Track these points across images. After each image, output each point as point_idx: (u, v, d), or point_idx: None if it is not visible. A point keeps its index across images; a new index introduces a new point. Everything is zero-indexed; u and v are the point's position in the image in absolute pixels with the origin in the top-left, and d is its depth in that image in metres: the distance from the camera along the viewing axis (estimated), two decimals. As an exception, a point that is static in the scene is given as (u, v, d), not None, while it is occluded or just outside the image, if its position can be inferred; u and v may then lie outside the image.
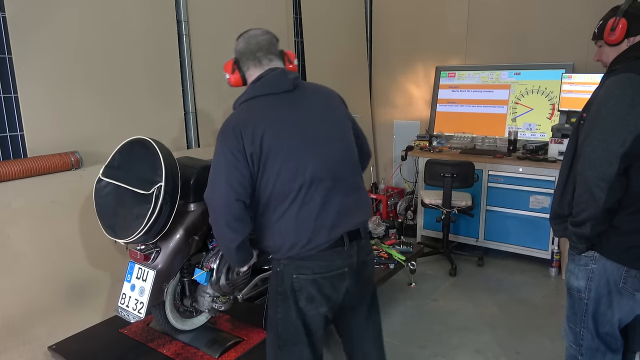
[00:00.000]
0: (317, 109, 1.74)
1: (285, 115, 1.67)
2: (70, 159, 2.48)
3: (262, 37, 1.79)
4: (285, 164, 1.62)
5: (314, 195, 1.63)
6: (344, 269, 1.70)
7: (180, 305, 2.34)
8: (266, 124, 1.62)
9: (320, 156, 1.66)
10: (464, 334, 2.93)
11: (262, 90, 1.70)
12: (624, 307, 1.71)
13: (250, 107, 1.70)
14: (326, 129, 1.72)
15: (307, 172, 1.63)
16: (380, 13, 4.99)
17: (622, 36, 1.69)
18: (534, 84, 4.19)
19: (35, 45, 2.41)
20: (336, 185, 1.68)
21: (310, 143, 1.66)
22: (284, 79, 1.70)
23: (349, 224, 1.69)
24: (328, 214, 1.65)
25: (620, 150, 1.55)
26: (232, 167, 1.61)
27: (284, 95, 1.69)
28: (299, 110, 1.70)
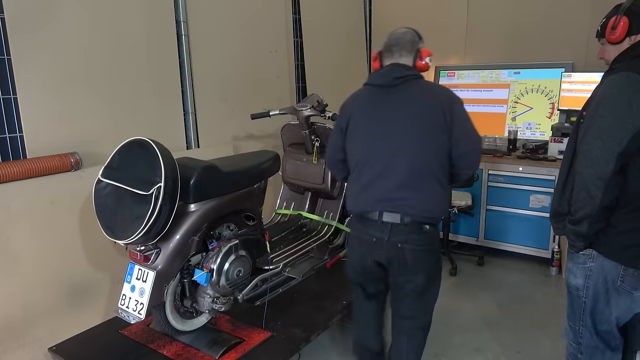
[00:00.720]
0: (401, 110, 1.97)
1: (369, 106, 2.04)
2: (69, 160, 2.48)
3: (400, 34, 2.09)
4: (353, 144, 2.06)
5: (362, 175, 2.01)
6: (373, 239, 2.00)
7: (180, 306, 2.34)
8: (354, 109, 2.08)
9: (379, 146, 1.98)
10: (464, 333, 2.93)
11: (369, 81, 2.10)
12: (622, 305, 1.71)
13: (357, 92, 2.14)
14: (397, 130, 1.97)
15: (364, 155, 2.01)
16: (380, 13, 4.99)
17: (624, 34, 1.69)
18: (534, 83, 4.19)
19: (34, 47, 2.41)
20: (384, 175, 1.96)
21: (378, 135, 1.98)
22: (387, 76, 2.01)
23: (386, 208, 1.96)
24: (368, 194, 1.99)
25: (617, 149, 1.55)
26: (333, 135, 2.18)
27: (381, 89, 2.02)
28: (383, 106, 2.00)
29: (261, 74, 3.75)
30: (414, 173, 1.94)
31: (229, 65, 3.49)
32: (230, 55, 3.50)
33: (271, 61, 3.84)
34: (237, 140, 3.57)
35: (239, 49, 3.55)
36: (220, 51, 3.42)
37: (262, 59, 3.76)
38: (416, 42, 2.07)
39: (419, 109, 1.97)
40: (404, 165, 1.94)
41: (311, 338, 2.48)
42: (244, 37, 3.59)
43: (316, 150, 2.98)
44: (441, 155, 1.96)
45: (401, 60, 2.03)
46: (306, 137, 2.99)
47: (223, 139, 3.47)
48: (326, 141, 3.00)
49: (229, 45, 3.48)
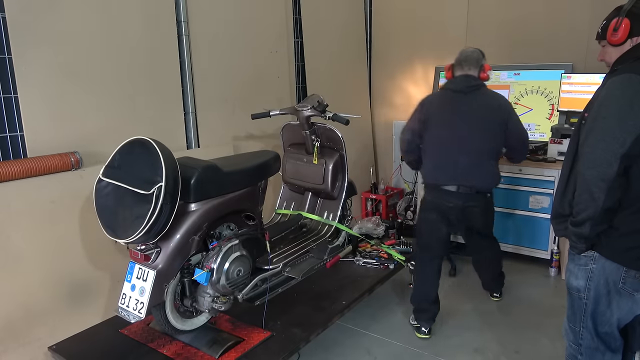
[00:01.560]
0: (472, 111, 2.68)
1: (447, 105, 2.75)
2: (70, 159, 2.48)
3: (469, 52, 2.79)
4: (432, 132, 2.76)
5: (439, 157, 2.74)
6: (450, 204, 2.76)
7: (180, 305, 2.34)
8: (434, 106, 2.80)
9: (453, 135, 2.69)
10: (463, 334, 2.94)
11: (447, 86, 2.80)
12: (623, 307, 1.71)
13: (436, 93, 3.00)
14: (467, 125, 2.68)
15: (441, 141, 2.73)
16: (380, 13, 4.99)
17: (625, 36, 1.69)
18: (534, 84, 4.19)
19: (35, 46, 2.41)
20: (457, 158, 2.69)
21: (453, 128, 2.70)
22: (461, 84, 2.72)
23: (462, 182, 2.73)
24: (444, 171, 2.73)
25: (620, 151, 1.55)
26: (412, 124, 2.86)
27: (456, 93, 2.72)
28: (458, 106, 2.70)
29: (262, 74, 3.76)
30: (477, 157, 2.69)
31: (229, 65, 3.49)
32: (230, 55, 3.50)
33: (271, 61, 3.84)
34: (237, 140, 3.57)
35: (239, 49, 3.55)
36: (221, 51, 3.42)
37: (263, 59, 3.76)
38: (480, 59, 2.76)
39: (484, 110, 2.68)
40: (470, 152, 2.66)
41: (311, 338, 2.49)
42: (245, 37, 3.60)
43: (316, 151, 2.98)
44: (497, 145, 2.75)
45: (469, 72, 2.72)
46: (306, 137, 2.99)
47: (223, 139, 3.47)
48: (326, 141, 3.02)
49: (229, 45, 3.48)
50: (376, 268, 3.23)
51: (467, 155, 2.67)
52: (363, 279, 3.08)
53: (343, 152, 3.01)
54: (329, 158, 3.00)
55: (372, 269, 3.22)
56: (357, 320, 3.07)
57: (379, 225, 3.59)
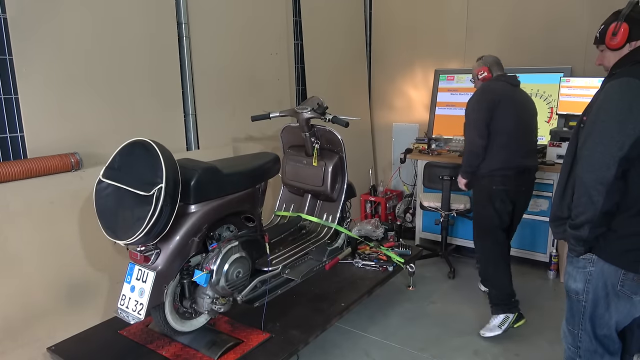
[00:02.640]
0: (527, 103, 3.07)
1: (512, 95, 3.01)
2: (70, 160, 2.49)
3: (499, 59, 3.23)
4: (506, 119, 2.92)
5: (511, 143, 2.91)
6: (522, 188, 3.01)
7: (179, 306, 2.34)
8: (503, 95, 2.98)
9: (521, 123, 2.97)
10: (462, 337, 2.94)
11: (505, 79, 3.09)
12: (622, 309, 1.71)
13: (497, 84, 3.08)
14: (527, 115, 3.04)
15: (514, 129, 2.93)
16: (380, 16, 5.00)
17: (624, 41, 1.70)
18: (533, 87, 4.20)
19: (36, 47, 2.41)
20: (524, 145, 2.98)
21: (520, 116, 2.97)
22: (515, 79, 3.09)
23: (528, 166, 3.00)
24: (517, 156, 2.93)
25: (618, 154, 1.56)
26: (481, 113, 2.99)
27: (512, 87, 3.06)
28: (519, 97, 3.04)
29: (261, 76, 3.77)
30: (533, 144, 3.06)
31: (229, 67, 3.50)
32: (230, 57, 3.50)
33: (271, 63, 3.85)
34: (237, 141, 3.58)
35: (239, 51, 3.56)
36: (221, 53, 3.43)
37: (263, 61, 3.77)
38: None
39: (530, 103, 3.10)
40: (530, 139, 3.02)
41: (309, 340, 2.49)
42: (245, 39, 3.61)
43: (316, 153, 2.99)
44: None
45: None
46: (306, 140, 3.00)
47: (223, 141, 3.48)
48: (326, 143, 3.02)
49: (229, 47, 3.49)
50: (375, 270, 3.23)
51: (527, 142, 3.00)
52: (362, 281, 3.08)
53: (343, 154, 3.01)
54: (329, 160, 3.01)
55: (371, 271, 3.22)
56: (356, 322, 3.07)
57: (378, 228, 3.59)
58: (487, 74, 3.17)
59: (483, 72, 3.18)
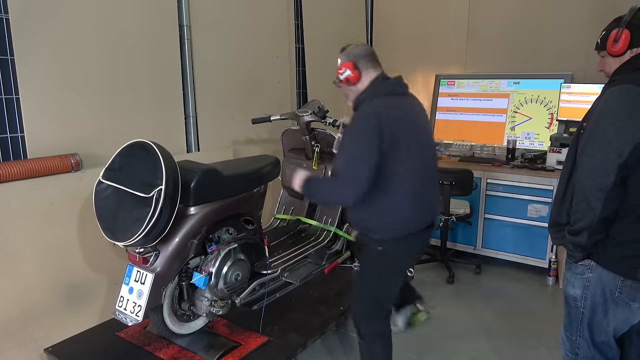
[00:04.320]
0: (422, 119, 2.13)
1: (408, 117, 2.04)
2: (70, 161, 2.48)
3: (371, 49, 2.16)
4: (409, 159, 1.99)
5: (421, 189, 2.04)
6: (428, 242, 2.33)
7: (178, 308, 2.33)
8: (396, 121, 1.95)
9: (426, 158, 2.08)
10: (461, 342, 2.93)
11: (392, 90, 2.06)
12: (620, 316, 1.71)
13: (385, 102, 2.00)
14: (429, 140, 2.14)
15: (422, 168, 2.05)
16: (381, 21, 5.02)
17: (625, 47, 1.70)
18: (533, 93, 4.21)
19: (37, 48, 2.41)
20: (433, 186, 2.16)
21: (424, 147, 2.07)
22: (401, 84, 2.11)
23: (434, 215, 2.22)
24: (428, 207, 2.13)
25: (617, 161, 1.56)
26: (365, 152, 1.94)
27: (402, 97, 2.08)
28: (415, 116, 2.09)
29: (262, 79, 3.77)
30: (436, 180, 2.19)
31: (230, 70, 3.50)
32: (232, 59, 3.51)
33: (272, 66, 3.86)
34: (237, 144, 3.58)
35: (240, 53, 3.57)
36: (222, 56, 3.43)
37: (264, 64, 3.77)
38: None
39: (424, 112, 2.18)
40: (436, 174, 2.16)
41: (308, 343, 2.48)
42: (246, 42, 3.61)
43: (316, 156, 2.99)
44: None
45: (384, 71, 2.13)
46: (306, 143, 3.00)
47: (223, 143, 3.48)
48: (326, 147, 3.02)
49: (230, 50, 3.50)
50: (374, 274, 3.22)
51: (435, 178, 2.17)
52: (361, 285, 3.07)
53: None
54: (329, 164, 3.01)
55: (370, 275, 3.22)
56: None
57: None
58: (356, 73, 2.08)
59: (348, 70, 2.09)
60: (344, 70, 2.09)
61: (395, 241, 2.05)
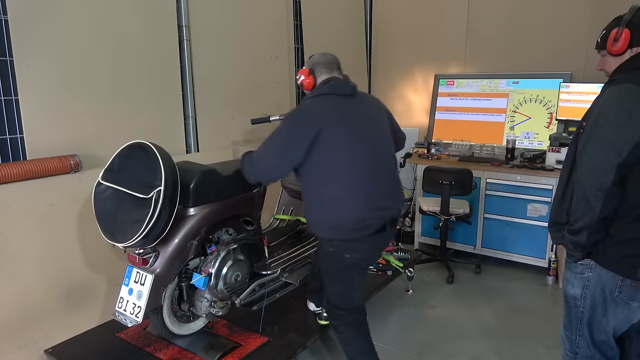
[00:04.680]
0: (370, 116, 2.19)
1: (344, 114, 2.09)
2: (69, 162, 2.48)
3: (330, 56, 2.32)
4: (337, 153, 2.04)
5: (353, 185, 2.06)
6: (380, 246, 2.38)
7: (177, 309, 2.33)
8: (328, 119, 2.04)
9: (364, 152, 2.08)
10: (460, 342, 2.93)
11: (330, 90, 2.14)
12: (619, 315, 1.71)
13: (318, 102, 2.12)
14: (374, 134, 2.15)
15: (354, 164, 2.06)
16: (380, 21, 5.02)
17: (625, 46, 1.70)
18: (532, 92, 4.21)
19: (37, 49, 2.41)
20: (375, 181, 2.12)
21: (362, 141, 2.08)
22: (347, 86, 2.18)
23: (385, 216, 2.16)
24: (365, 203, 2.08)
25: (616, 160, 1.56)
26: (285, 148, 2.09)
27: (346, 98, 2.15)
28: (357, 112, 2.13)
29: (261, 80, 3.77)
30: (391, 175, 2.19)
31: (229, 70, 3.50)
32: (231, 60, 3.51)
33: (272, 67, 3.86)
34: (236, 144, 3.58)
35: (239, 54, 3.57)
36: (221, 56, 3.43)
37: (263, 64, 3.77)
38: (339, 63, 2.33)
39: (378, 114, 2.26)
40: (385, 169, 2.15)
41: (308, 344, 2.49)
42: (245, 43, 3.61)
43: None
44: (393, 151, 2.29)
45: (340, 75, 2.26)
46: None
47: (223, 144, 3.48)
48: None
49: (230, 50, 3.50)
50: (374, 274, 3.22)
51: (382, 174, 2.13)
52: (361, 285, 3.07)
53: None
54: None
55: (369, 275, 3.21)
56: (355, 326, 3.06)
57: (377, 232, 3.58)
58: (310, 79, 2.22)
59: (303, 76, 2.22)
60: (300, 76, 2.24)
61: (346, 242, 2.06)
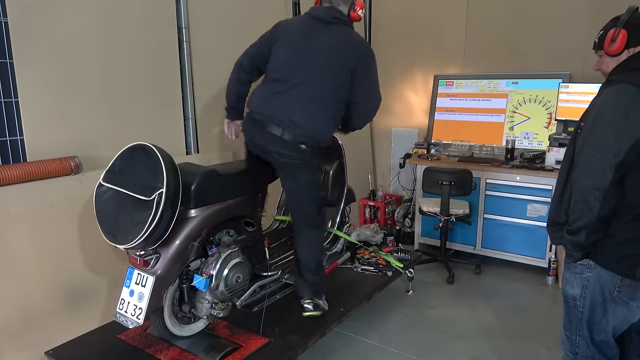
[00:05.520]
0: (325, 46, 2.35)
1: (301, 32, 2.41)
2: (69, 164, 2.49)
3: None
4: (278, 57, 2.46)
5: (274, 86, 2.42)
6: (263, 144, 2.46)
7: (178, 311, 2.33)
8: (287, 29, 2.48)
9: (296, 68, 2.37)
10: (461, 342, 2.94)
11: (310, 12, 2.46)
12: (619, 315, 1.72)
13: (296, 17, 2.66)
14: (314, 61, 2.35)
15: (283, 70, 2.40)
16: (380, 21, 5.02)
17: (622, 47, 1.71)
18: (532, 93, 4.22)
19: (37, 51, 2.42)
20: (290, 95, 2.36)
21: (298, 59, 2.37)
22: (327, 13, 2.40)
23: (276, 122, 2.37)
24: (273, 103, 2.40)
25: (614, 160, 1.57)
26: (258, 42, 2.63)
27: (317, 22, 2.40)
28: (314, 36, 2.37)
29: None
30: (310, 101, 2.33)
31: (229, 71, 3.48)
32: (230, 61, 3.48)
33: (271, 68, 3.85)
34: (237, 146, 3.58)
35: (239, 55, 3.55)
36: (221, 57, 3.42)
37: (263, 65, 3.77)
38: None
39: (336, 50, 2.36)
40: (306, 92, 2.33)
41: (309, 345, 2.49)
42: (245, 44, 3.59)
43: None
44: (339, 95, 2.39)
45: (339, 7, 2.42)
46: None
47: (223, 145, 3.48)
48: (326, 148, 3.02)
49: (229, 52, 3.48)
50: (374, 275, 3.23)
51: (299, 94, 2.33)
52: (361, 286, 3.08)
53: (343, 159, 3.02)
54: (329, 165, 3.01)
55: (370, 276, 3.23)
56: (355, 327, 3.07)
57: (377, 233, 3.60)
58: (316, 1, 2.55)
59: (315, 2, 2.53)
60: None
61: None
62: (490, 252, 4.05)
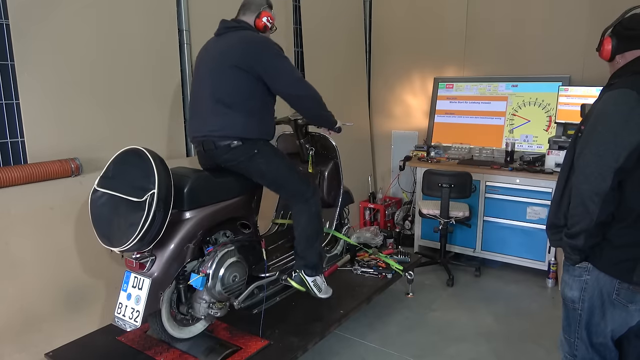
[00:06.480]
0: (215, 51, 2.45)
1: (204, 50, 2.55)
2: (70, 166, 2.49)
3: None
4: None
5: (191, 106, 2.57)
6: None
7: (176, 313, 2.34)
8: (200, 51, 2.58)
9: (197, 80, 2.49)
10: (460, 345, 2.93)
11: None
12: (617, 318, 1.71)
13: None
14: (205, 68, 2.44)
15: (193, 89, 2.54)
16: (380, 24, 5.03)
17: (609, 53, 1.73)
18: (531, 96, 4.22)
19: (38, 53, 2.43)
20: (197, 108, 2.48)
21: (198, 72, 2.50)
22: (220, 26, 2.50)
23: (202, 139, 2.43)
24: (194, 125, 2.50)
25: (614, 165, 1.57)
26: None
27: (215, 37, 2.51)
28: (211, 48, 2.50)
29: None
30: (213, 104, 2.35)
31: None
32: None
33: (271, 70, 3.86)
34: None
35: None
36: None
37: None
38: (261, 4, 2.49)
39: (224, 51, 2.38)
40: (207, 99, 2.37)
41: (308, 347, 2.49)
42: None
43: (311, 159, 2.98)
44: (241, 88, 2.35)
45: (244, 17, 2.49)
46: (301, 146, 2.99)
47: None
48: (321, 150, 3.04)
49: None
50: (374, 277, 3.23)
51: (203, 103, 2.40)
52: (360, 288, 3.08)
53: (337, 160, 3.03)
54: (324, 166, 3.02)
55: (369, 278, 3.23)
56: (355, 329, 3.07)
57: (377, 235, 3.60)
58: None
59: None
60: None
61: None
62: (490, 255, 4.04)
